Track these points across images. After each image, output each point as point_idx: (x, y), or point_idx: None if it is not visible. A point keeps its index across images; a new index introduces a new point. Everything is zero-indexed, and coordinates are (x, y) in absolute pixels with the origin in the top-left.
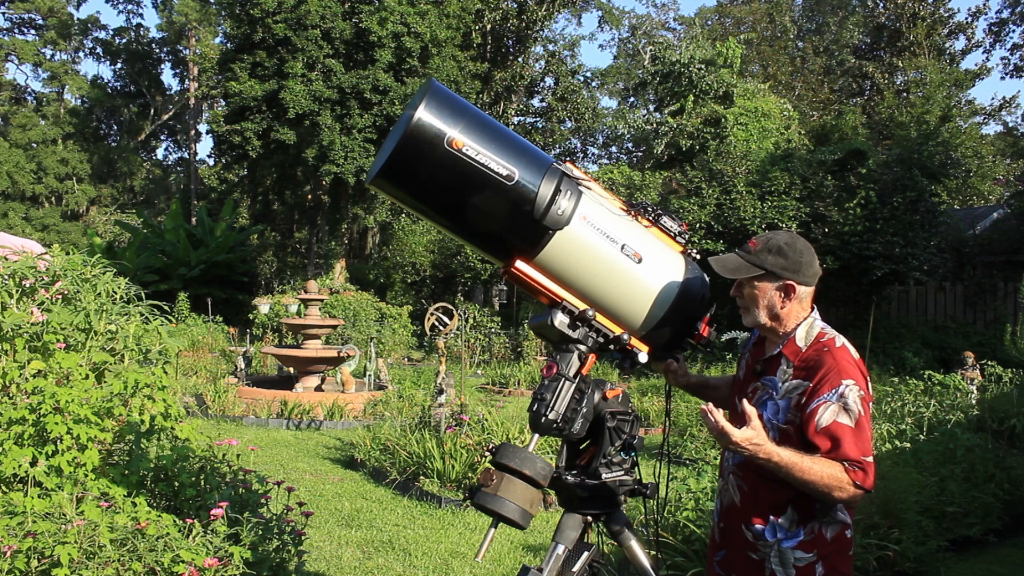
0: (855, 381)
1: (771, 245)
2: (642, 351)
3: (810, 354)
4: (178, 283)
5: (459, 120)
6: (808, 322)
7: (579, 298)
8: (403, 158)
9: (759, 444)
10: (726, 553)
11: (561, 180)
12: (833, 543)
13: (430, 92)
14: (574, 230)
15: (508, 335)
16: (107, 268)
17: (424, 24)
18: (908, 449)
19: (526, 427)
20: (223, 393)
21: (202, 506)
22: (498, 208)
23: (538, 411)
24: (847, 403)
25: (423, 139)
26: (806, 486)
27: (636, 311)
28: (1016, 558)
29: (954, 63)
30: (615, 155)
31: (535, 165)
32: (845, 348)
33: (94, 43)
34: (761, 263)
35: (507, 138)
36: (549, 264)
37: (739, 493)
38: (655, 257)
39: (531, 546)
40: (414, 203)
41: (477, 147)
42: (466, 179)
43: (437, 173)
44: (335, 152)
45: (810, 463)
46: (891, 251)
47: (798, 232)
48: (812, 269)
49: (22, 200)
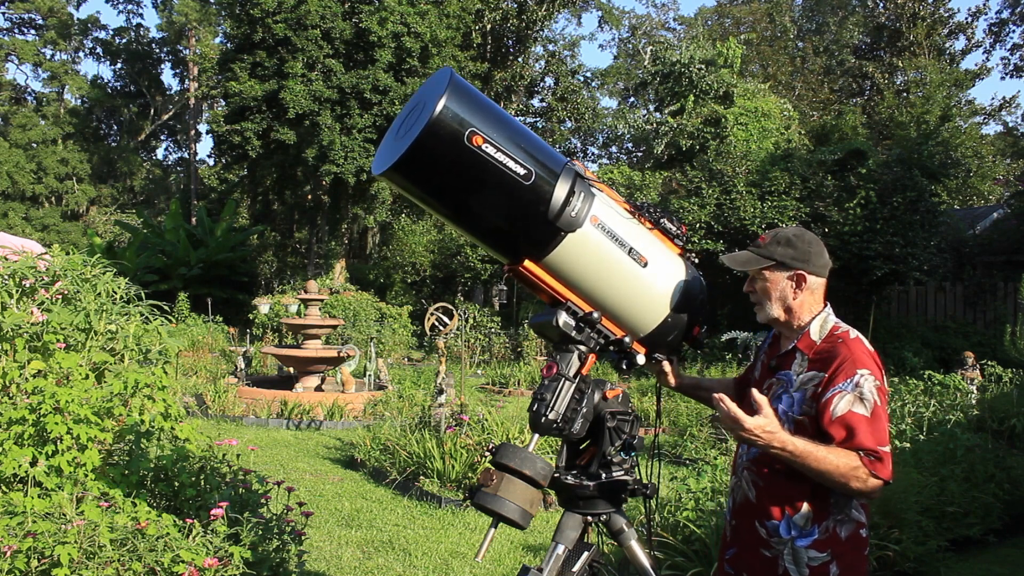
0: (870, 371)
1: (780, 237)
2: (640, 353)
3: (824, 346)
4: (178, 283)
5: (479, 114)
6: (822, 316)
7: (585, 300)
8: (422, 151)
9: (772, 432)
10: (736, 551)
11: (575, 181)
12: (848, 542)
13: (452, 83)
14: (585, 232)
15: (508, 335)
16: (107, 268)
17: (424, 24)
18: (908, 449)
19: (526, 427)
20: (223, 393)
21: (202, 506)
22: (512, 207)
23: (538, 411)
24: (862, 392)
25: (444, 132)
26: (822, 476)
27: (641, 315)
28: (1016, 558)
29: (954, 63)
30: (615, 155)
31: (551, 164)
32: (860, 340)
33: (94, 43)
34: (771, 254)
35: (525, 136)
36: (558, 265)
37: (754, 489)
38: (659, 261)
39: (531, 546)
40: (425, 197)
41: (497, 144)
42: (483, 176)
43: (454, 169)
44: (335, 152)
45: (825, 452)
46: (891, 251)
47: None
48: (822, 259)
49: (22, 200)
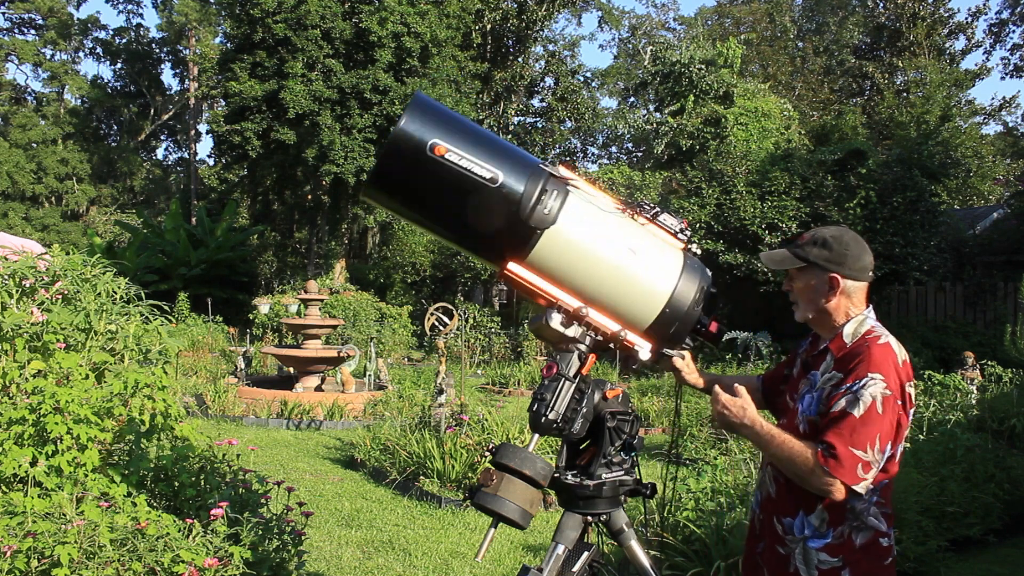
0: (884, 376)
1: (817, 238)
2: (643, 348)
3: (852, 348)
4: (178, 283)
5: (441, 128)
6: (859, 319)
7: (574, 296)
8: (389, 166)
9: (744, 409)
10: (765, 544)
11: (547, 180)
12: (862, 551)
13: (412, 103)
14: (562, 228)
15: (508, 335)
16: (107, 268)
17: (424, 24)
18: (908, 449)
19: (526, 427)
20: (223, 393)
21: (202, 506)
22: (485, 210)
23: (538, 411)
24: (863, 394)
25: (407, 147)
26: (781, 463)
27: (631, 306)
28: (1016, 558)
29: (954, 63)
30: (615, 155)
31: (519, 167)
32: (888, 346)
33: (94, 43)
34: (806, 255)
35: (491, 142)
36: (541, 263)
37: (775, 485)
38: (649, 252)
39: (531, 546)
40: (407, 212)
41: (460, 152)
42: (452, 183)
43: (424, 179)
44: (335, 152)
45: (789, 440)
46: (891, 251)
47: (798, 233)
48: (860, 263)
49: (22, 200)
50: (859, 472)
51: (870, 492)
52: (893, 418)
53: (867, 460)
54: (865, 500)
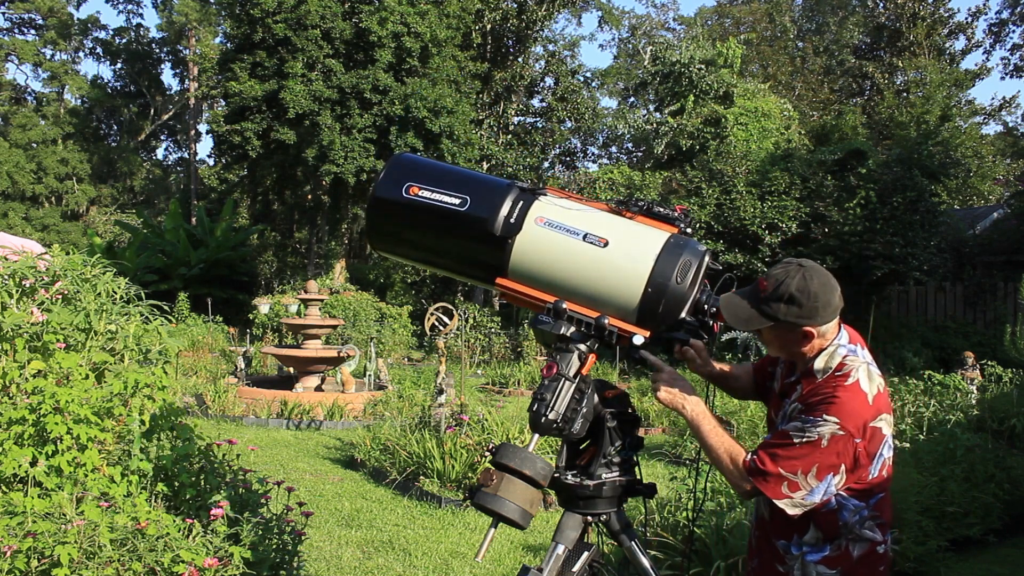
0: (839, 420)
1: (782, 293)
2: (637, 335)
3: (820, 385)
4: (178, 283)
5: (414, 173)
6: (829, 351)
7: (556, 294)
8: (377, 213)
9: (686, 396)
10: (758, 562)
11: (513, 194)
12: (860, 562)
13: (390, 162)
14: (529, 232)
15: (508, 335)
16: (107, 268)
17: (424, 24)
18: (908, 449)
19: (526, 427)
20: (223, 393)
21: (202, 506)
22: (461, 232)
23: (538, 411)
24: (811, 430)
25: (387, 197)
26: (707, 452)
27: (612, 292)
28: (1016, 558)
29: (954, 63)
30: (615, 155)
31: (484, 189)
32: (855, 387)
33: (94, 43)
34: (774, 313)
35: (459, 176)
36: (521, 270)
37: (767, 508)
38: (625, 239)
39: (531, 546)
40: (410, 252)
41: (430, 187)
42: (429, 216)
43: (407, 219)
44: (335, 152)
45: (721, 433)
46: (891, 251)
47: (798, 233)
48: (830, 308)
49: (22, 200)
50: (784, 489)
51: (860, 508)
52: (844, 453)
53: (795, 481)
54: (856, 514)
